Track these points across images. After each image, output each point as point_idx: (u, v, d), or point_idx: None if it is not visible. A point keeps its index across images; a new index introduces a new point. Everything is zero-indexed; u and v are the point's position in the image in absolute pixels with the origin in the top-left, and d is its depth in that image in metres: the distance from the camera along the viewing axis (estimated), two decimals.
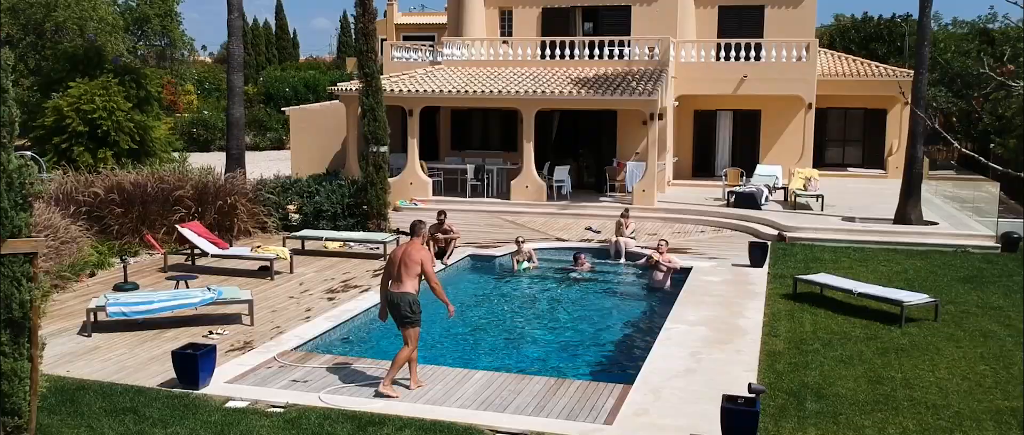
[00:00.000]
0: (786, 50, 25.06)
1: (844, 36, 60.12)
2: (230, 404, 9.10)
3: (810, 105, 25.42)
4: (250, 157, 31.91)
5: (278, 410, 8.95)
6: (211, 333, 11.52)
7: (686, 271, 15.66)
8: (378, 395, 9.25)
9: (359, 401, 9.19)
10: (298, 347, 11.16)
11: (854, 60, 30.97)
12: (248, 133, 43.43)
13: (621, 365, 11.07)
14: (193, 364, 9.44)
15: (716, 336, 11.74)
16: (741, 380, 9.64)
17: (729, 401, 8.15)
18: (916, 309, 12.83)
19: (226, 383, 9.70)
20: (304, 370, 10.25)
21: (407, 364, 9.51)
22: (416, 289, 9.34)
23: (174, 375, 9.71)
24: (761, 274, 15.63)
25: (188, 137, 40.41)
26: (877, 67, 29.30)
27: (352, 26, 67.24)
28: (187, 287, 13.37)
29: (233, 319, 12.40)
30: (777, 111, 26.23)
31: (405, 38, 48.50)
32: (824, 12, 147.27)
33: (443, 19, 53.00)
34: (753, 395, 8.36)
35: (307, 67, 55.81)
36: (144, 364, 10.42)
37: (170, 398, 9.24)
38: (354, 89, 23.09)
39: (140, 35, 40.70)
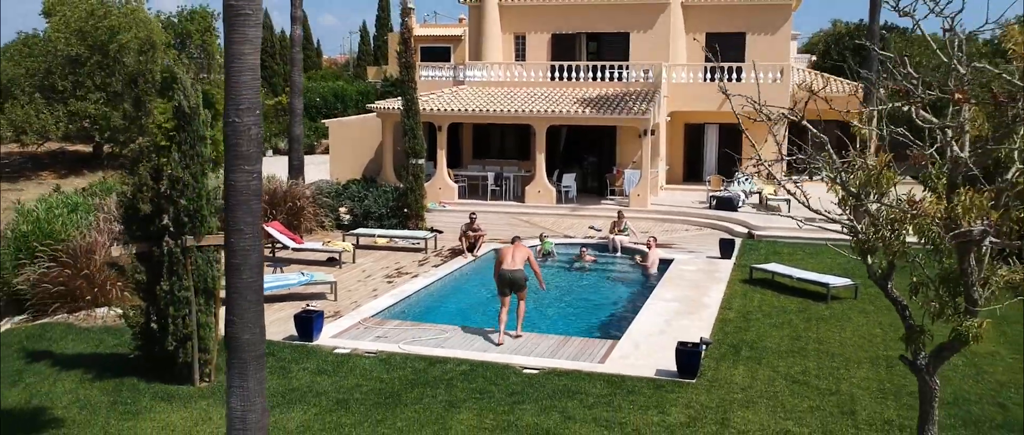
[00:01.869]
0: (763, 73, 28.83)
1: (839, 42, 63.28)
2: (337, 351, 13.04)
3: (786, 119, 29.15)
4: (283, 161, 35.83)
5: (371, 354, 12.87)
6: (308, 305, 15.43)
7: (668, 262, 19.53)
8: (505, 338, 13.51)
9: (426, 348, 13.11)
10: (374, 315, 15.09)
11: (829, 77, 34.70)
12: (281, 140, 47.39)
13: (612, 328, 14.94)
14: (309, 324, 13.37)
15: (685, 309, 15.63)
16: (697, 337, 13.51)
17: (681, 345, 12.05)
18: (840, 290, 16.68)
19: (330, 338, 13.64)
20: (382, 330, 14.19)
21: (508, 318, 13.71)
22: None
23: (292, 332, 13.65)
24: (728, 264, 19.50)
25: None
26: (849, 84, 33.00)
27: (371, 35, 71.15)
28: (282, 272, 17.32)
29: (318, 297, 16.32)
30: (757, 125, 29.92)
31: (422, 49, 52.30)
32: (823, 17, 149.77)
33: (458, 31, 57.04)
34: (699, 343, 12.27)
35: (332, 77, 59.63)
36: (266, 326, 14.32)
37: (294, 347, 13.17)
38: (394, 108, 26.99)
39: (181, 49, 44.42)
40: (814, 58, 72.61)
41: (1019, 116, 5.43)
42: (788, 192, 7.16)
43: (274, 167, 29.40)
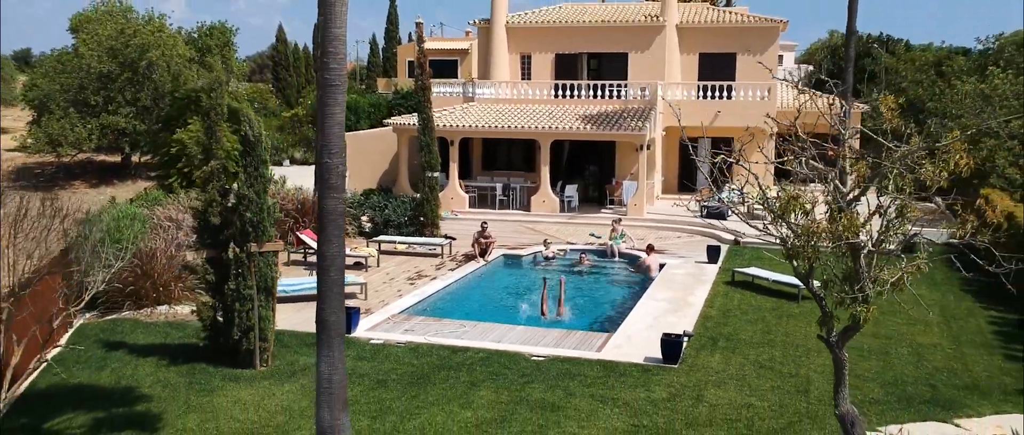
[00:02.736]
0: (751, 91, 31.03)
1: (834, 54, 65.24)
2: (372, 341, 15.24)
3: (771, 135, 31.37)
4: (303, 171, 38.03)
5: (402, 344, 15.08)
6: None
7: (661, 265, 21.73)
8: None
9: (449, 340, 15.31)
10: (401, 312, 17.30)
11: (814, 94, 36.87)
12: (298, 150, 49.64)
13: (609, 323, 17.12)
14: (347, 319, 15.56)
15: (672, 308, 17.82)
16: (681, 330, 15.68)
17: (666, 336, 14.25)
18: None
19: (365, 331, 15.85)
20: (409, 324, 16.40)
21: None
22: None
23: None
24: (714, 268, 21.68)
25: None
26: (832, 101, 35.15)
27: (380, 47, 73.48)
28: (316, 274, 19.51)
29: (349, 296, 18.51)
30: (745, 139, 32.18)
31: (430, 62, 54.55)
32: (820, 28, 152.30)
33: (465, 45, 59.31)
34: (682, 334, 14.47)
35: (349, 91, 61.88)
36: (309, 321, 16.45)
37: None
38: (410, 124, 29.25)
39: (201, 63, 46.63)
40: (811, 68, 74.88)
41: (880, 166, 7.62)
42: (734, 210, 9.33)
43: (293, 176, 31.66)
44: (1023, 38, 44.87)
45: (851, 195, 8.23)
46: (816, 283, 8.84)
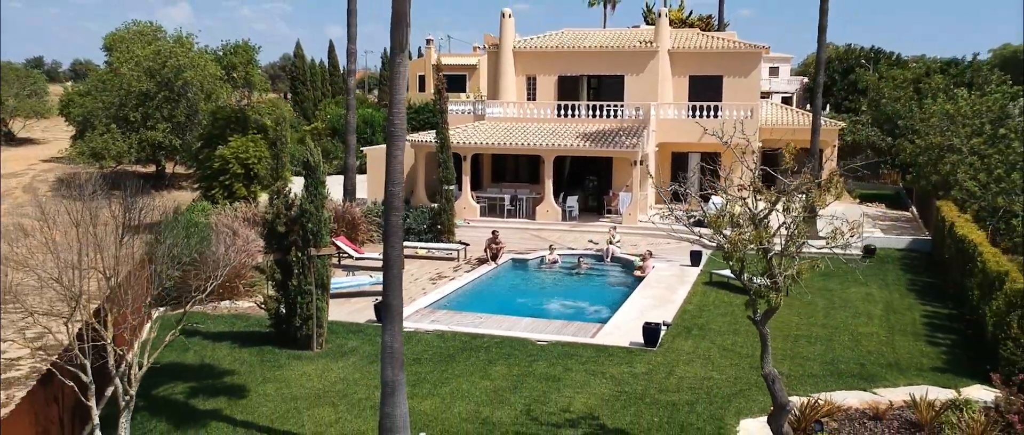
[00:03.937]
0: (736, 111, 34.19)
1: (829, 66, 68.20)
2: (404, 329, 18.39)
3: (754, 150, 34.54)
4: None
5: (430, 332, 18.26)
6: (378, 299, 20.81)
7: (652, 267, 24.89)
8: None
9: (469, 328, 18.48)
10: (426, 306, 20.48)
11: (796, 111, 40.07)
12: None
13: (602, 316, 20.28)
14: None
15: (656, 304, 20.97)
16: (661, 320, 18.81)
17: (647, 324, 17.42)
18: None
19: None
20: (434, 316, 19.57)
21: None
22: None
23: (371, 317, 19.01)
24: (696, 271, 24.83)
25: None
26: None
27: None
28: (354, 275, 22.72)
29: (381, 294, 21.66)
30: (731, 154, 35.32)
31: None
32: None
33: (472, 61, 62.55)
34: (660, 323, 17.64)
35: (357, 103, 65.16)
36: (350, 314, 19.76)
37: (375, 327, 18.53)
38: (426, 141, 32.49)
39: (226, 79, 49.88)
40: (806, 80, 77.85)
41: (774, 199, 10.85)
42: (682, 223, 12.46)
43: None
44: (987, 62, 48.03)
45: (762, 214, 11.38)
46: (745, 276, 11.89)
